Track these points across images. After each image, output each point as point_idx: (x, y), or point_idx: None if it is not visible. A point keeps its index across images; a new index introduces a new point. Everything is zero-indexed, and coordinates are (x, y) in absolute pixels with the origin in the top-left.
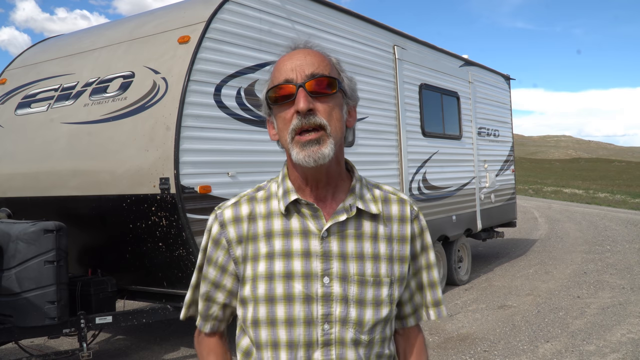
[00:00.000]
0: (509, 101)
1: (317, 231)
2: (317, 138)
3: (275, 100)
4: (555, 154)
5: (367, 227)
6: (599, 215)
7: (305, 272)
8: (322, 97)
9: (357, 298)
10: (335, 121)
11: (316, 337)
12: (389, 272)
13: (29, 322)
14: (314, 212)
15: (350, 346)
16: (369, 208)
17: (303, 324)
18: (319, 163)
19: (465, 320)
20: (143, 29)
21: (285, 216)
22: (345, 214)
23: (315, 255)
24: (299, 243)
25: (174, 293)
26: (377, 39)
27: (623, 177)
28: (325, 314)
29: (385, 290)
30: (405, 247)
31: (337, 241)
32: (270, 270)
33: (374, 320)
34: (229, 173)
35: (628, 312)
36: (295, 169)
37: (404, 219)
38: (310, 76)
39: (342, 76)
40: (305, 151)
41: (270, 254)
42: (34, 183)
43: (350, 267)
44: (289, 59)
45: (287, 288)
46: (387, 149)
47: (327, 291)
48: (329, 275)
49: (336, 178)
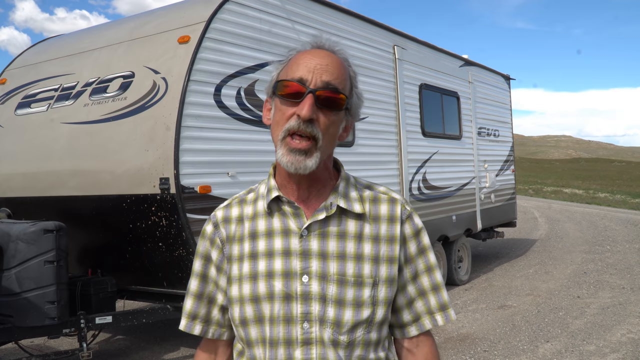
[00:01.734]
0: (509, 101)
1: (297, 230)
2: (305, 149)
3: (282, 94)
4: (555, 154)
5: (351, 227)
6: (599, 215)
7: (285, 271)
8: (326, 110)
9: (336, 298)
10: (329, 136)
11: (296, 335)
12: (373, 272)
13: (29, 322)
14: (295, 210)
15: (330, 346)
16: (352, 207)
17: (282, 322)
18: (299, 172)
19: (465, 320)
20: (143, 29)
21: (268, 215)
22: (324, 212)
23: (294, 254)
24: (280, 242)
25: (174, 293)
26: (377, 39)
27: (623, 177)
28: (305, 313)
29: (367, 291)
30: (394, 248)
31: (318, 240)
32: (254, 270)
33: (353, 321)
34: (229, 173)
35: (628, 312)
36: (280, 165)
37: (394, 219)
38: (325, 85)
39: (354, 92)
40: (290, 156)
41: (254, 254)
42: (34, 183)
43: (331, 267)
44: (312, 57)
45: (268, 287)
46: (387, 149)
47: (306, 290)
48: (308, 274)
49: (321, 180)
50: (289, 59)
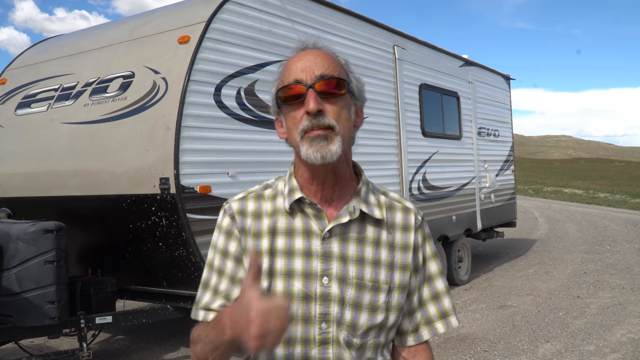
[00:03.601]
0: (508, 101)
1: (319, 231)
2: (325, 135)
3: (284, 100)
4: (555, 154)
5: (370, 232)
6: (599, 215)
7: (305, 271)
8: (331, 98)
9: (354, 301)
10: (343, 121)
11: (313, 335)
12: (388, 279)
13: (29, 322)
14: (317, 212)
15: (344, 347)
16: (373, 212)
17: (301, 322)
18: (327, 160)
19: (465, 320)
20: (143, 29)
21: (289, 214)
22: (348, 216)
23: (315, 255)
24: (300, 242)
25: (174, 293)
26: (377, 39)
27: (623, 177)
28: (323, 313)
29: (382, 296)
30: (407, 256)
31: (339, 243)
32: (272, 267)
33: (367, 325)
34: (229, 173)
35: (628, 312)
36: (302, 167)
37: (408, 227)
38: (319, 77)
39: (351, 77)
40: (313, 147)
41: (273, 250)
42: (34, 183)
43: (350, 270)
44: (299, 59)
45: (287, 286)
46: (387, 149)
47: (326, 291)
48: (328, 276)
49: (344, 178)
50: (280, 71)
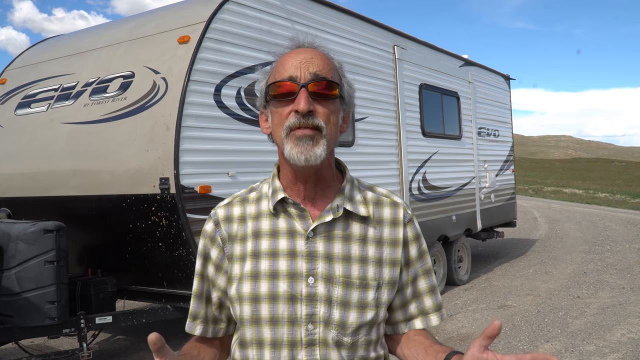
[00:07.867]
0: (508, 101)
1: (303, 231)
2: (311, 135)
3: (274, 96)
4: (555, 154)
5: (356, 229)
6: (599, 215)
7: (290, 272)
8: (322, 100)
9: (342, 300)
10: (331, 125)
11: (300, 336)
12: (376, 275)
13: (29, 322)
14: (301, 212)
15: (333, 347)
16: (358, 210)
17: (287, 324)
18: (310, 163)
19: (465, 320)
20: (143, 29)
21: (273, 216)
22: (331, 214)
23: (300, 255)
24: (285, 243)
25: (174, 293)
26: (377, 39)
27: (623, 177)
28: (310, 314)
29: (371, 293)
30: (396, 251)
31: (324, 242)
32: (255, 269)
33: (357, 323)
34: (229, 173)
35: (628, 312)
36: (286, 166)
37: (396, 222)
38: (314, 76)
39: (344, 81)
40: (298, 147)
41: (257, 253)
42: (34, 183)
43: (336, 269)
44: (295, 55)
45: (271, 287)
46: (387, 149)
47: (312, 291)
48: (313, 276)
49: (327, 179)
50: (273, 66)
